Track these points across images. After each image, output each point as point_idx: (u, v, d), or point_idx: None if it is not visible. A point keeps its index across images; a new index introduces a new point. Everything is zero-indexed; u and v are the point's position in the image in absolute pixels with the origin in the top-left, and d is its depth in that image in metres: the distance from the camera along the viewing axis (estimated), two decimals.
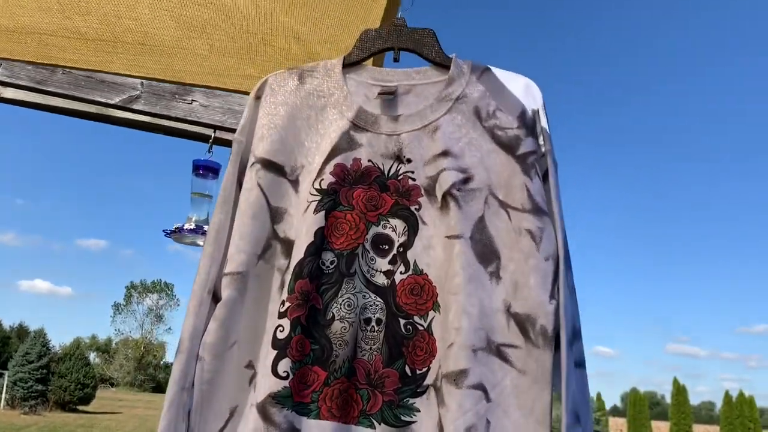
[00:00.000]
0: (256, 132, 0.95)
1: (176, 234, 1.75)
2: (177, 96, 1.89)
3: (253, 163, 0.93)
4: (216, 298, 0.89)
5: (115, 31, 1.33)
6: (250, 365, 0.87)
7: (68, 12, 1.24)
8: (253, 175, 0.92)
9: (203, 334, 0.86)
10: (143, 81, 1.81)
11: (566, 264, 0.89)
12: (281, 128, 0.95)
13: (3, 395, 22.99)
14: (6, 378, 23.20)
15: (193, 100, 1.92)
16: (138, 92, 1.86)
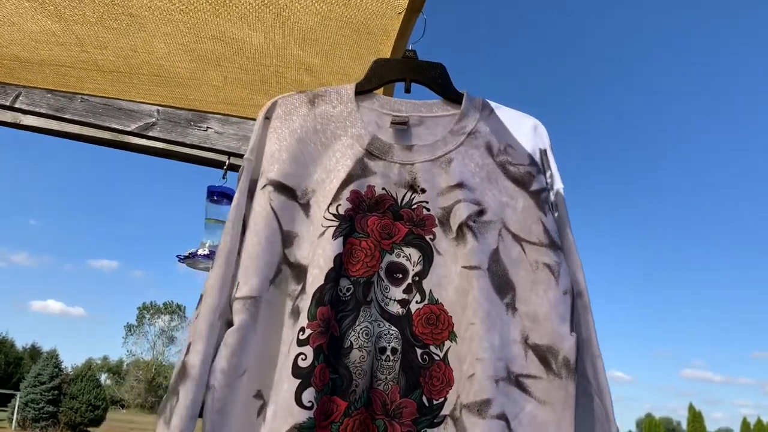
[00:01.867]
0: (267, 153, 0.94)
1: (189, 259, 1.77)
2: (192, 123, 1.93)
3: (264, 185, 0.92)
4: (227, 323, 0.86)
5: (131, 63, 1.37)
6: (259, 395, 0.84)
7: (86, 46, 1.28)
8: (265, 198, 0.91)
9: (213, 361, 0.82)
10: (159, 108, 1.85)
11: (587, 298, 0.92)
12: (292, 151, 0.94)
13: (15, 416, 23.01)
14: (18, 399, 23.24)
15: (208, 127, 1.95)
16: (154, 119, 1.90)
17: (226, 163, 1.91)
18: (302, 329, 0.82)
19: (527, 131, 1.00)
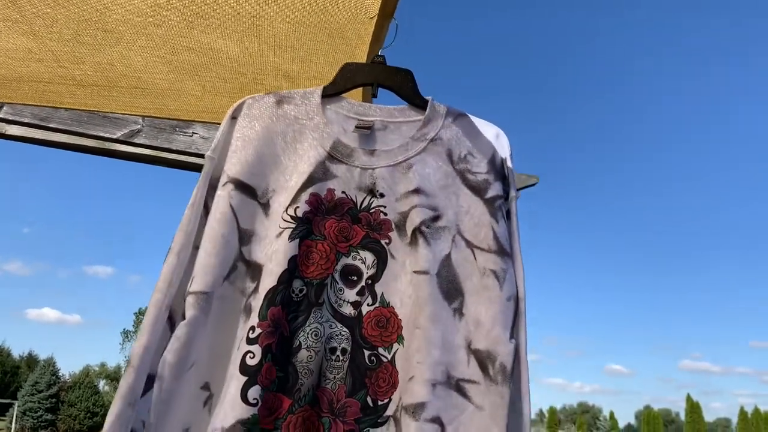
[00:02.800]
0: (230, 152, 0.95)
1: None
2: (178, 129, 1.94)
3: (225, 183, 0.93)
4: (171, 317, 0.88)
5: (109, 76, 1.38)
6: (206, 386, 0.86)
7: (62, 62, 1.29)
8: (225, 195, 0.92)
9: (163, 352, 0.83)
10: (144, 116, 1.86)
11: (524, 305, 0.93)
12: (256, 151, 0.95)
13: (13, 425, 22.94)
14: (16, 408, 23.16)
15: (193, 133, 1.96)
16: (139, 126, 1.91)
17: None
18: (252, 328, 0.84)
19: (489, 139, 1.02)
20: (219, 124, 1.88)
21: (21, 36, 1.21)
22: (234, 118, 0.99)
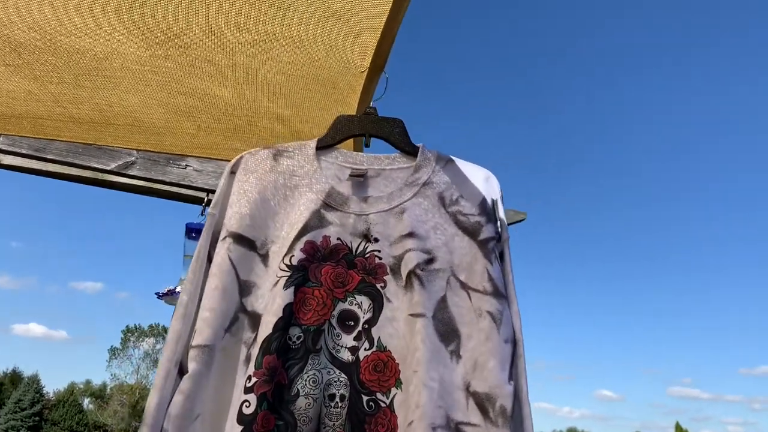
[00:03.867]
0: (230, 206, 0.98)
1: (168, 296, 1.81)
2: (171, 161, 1.97)
3: (224, 237, 0.95)
4: (182, 371, 0.88)
5: (106, 116, 1.42)
6: None
7: (62, 102, 1.33)
8: (224, 249, 0.94)
9: (168, 407, 0.85)
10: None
11: (522, 348, 0.94)
12: (254, 204, 0.98)
13: None
14: None
15: (187, 165, 1.99)
16: (134, 158, 1.93)
17: (205, 200, 1.95)
18: (249, 377, 0.85)
19: (479, 182, 1.04)
20: (212, 159, 1.95)
21: (22, 79, 1.25)
22: (233, 173, 1.01)
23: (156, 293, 1.86)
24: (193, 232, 1.85)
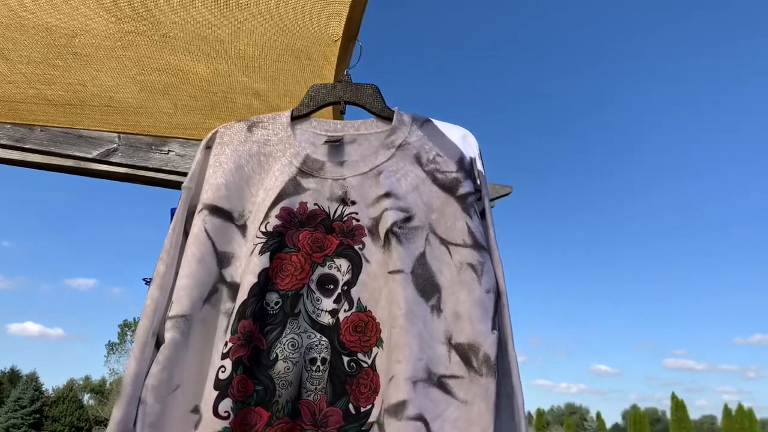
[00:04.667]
0: (206, 180, 0.98)
1: None
2: (154, 147, 1.95)
3: (200, 210, 0.95)
4: (159, 342, 0.88)
5: (81, 96, 1.41)
6: (196, 410, 0.85)
7: (34, 83, 1.32)
8: (200, 221, 0.94)
9: (146, 378, 0.84)
10: (120, 134, 1.88)
11: (506, 299, 0.93)
12: (229, 175, 0.98)
13: None
14: None
15: (169, 150, 1.98)
16: (115, 145, 1.92)
17: None
18: (225, 343, 0.85)
19: (456, 140, 1.04)
20: (195, 140, 1.94)
21: None
22: (208, 147, 1.01)
23: (144, 279, 1.85)
24: None
